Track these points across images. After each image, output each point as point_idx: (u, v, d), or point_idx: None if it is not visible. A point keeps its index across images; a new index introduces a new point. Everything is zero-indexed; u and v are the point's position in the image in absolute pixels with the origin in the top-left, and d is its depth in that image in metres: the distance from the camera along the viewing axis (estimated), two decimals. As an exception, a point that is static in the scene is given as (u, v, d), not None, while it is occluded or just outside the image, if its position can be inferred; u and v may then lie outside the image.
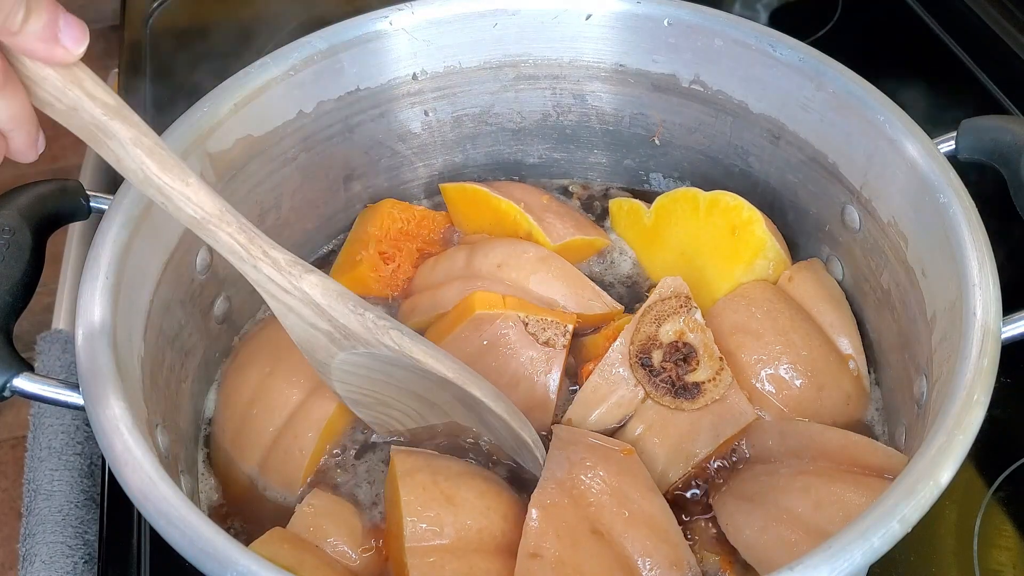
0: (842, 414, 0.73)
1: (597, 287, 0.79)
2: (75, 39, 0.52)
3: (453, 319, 0.75)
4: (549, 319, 0.74)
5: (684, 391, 0.71)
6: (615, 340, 0.73)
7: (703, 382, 0.71)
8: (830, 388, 0.73)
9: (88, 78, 0.54)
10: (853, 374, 0.75)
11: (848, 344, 0.76)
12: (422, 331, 0.77)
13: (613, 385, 0.72)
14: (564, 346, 0.74)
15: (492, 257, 0.79)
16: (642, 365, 0.72)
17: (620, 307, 0.79)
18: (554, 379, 0.73)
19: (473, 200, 0.86)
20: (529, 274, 0.78)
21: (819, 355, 0.73)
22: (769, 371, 0.73)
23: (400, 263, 0.83)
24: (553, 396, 0.73)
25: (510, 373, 0.73)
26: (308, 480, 0.72)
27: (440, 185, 0.90)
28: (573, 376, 0.77)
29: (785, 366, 0.73)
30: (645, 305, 0.73)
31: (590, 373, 0.73)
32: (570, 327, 0.74)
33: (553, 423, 0.73)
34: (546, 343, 0.73)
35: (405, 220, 0.86)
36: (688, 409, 0.71)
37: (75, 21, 0.52)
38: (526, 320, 0.74)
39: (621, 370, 0.72)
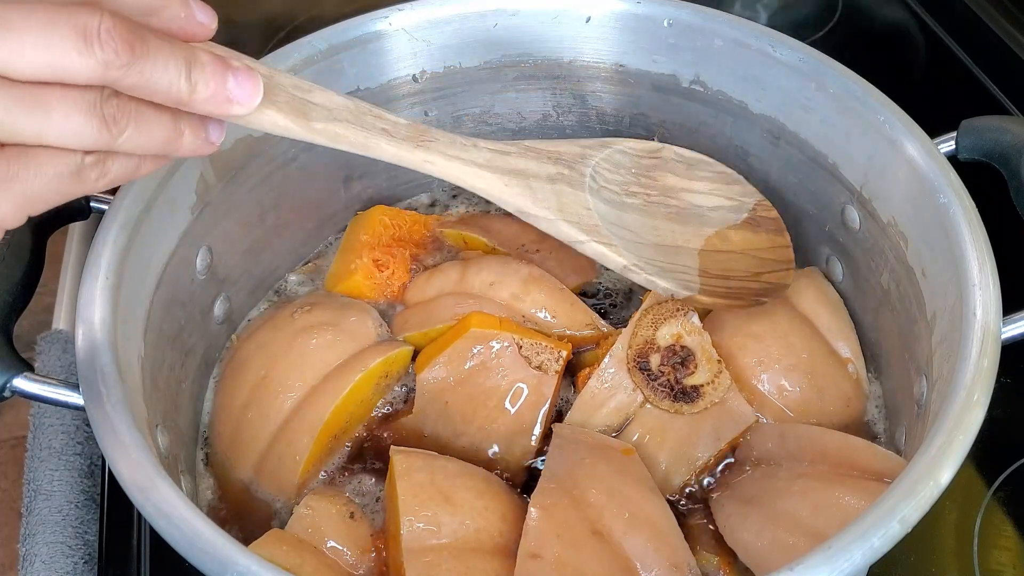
0: (842, 416, 0.73)
1: (590, 309, 0.78)
2: (249, 94, 0.50)
3: (449, 336, 0.75)
4: (543, 344, 0.73)
5: (683, 395, 0.71)
6: (612, 345, 0.72)
7: (702, 385, 0.71)
8: (830, 390, 0.73)
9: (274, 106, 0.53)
10: (852, 377, 0.75)
11: (847, 349, 0.75)
12: (417, 347, 0.77)
13: (611, 390, 0.72)
14: (556, 372, 0.72)
15: (484, 275, 0.78)
16: (640, 369, 0.72)
17: (615, 330, 0.76)
18: (543, 404, 0.72)
19: (473, 245, 0.85)
20: (521, 294, 0.77)
21: (819, 357, 0.73)
22: (770, 373, 0.72)
23: (394, 269, 0.82)
24: (541, 421, 0.72)
25: (499, 395, 0.72)
26: (305, 483, 0.71)
27: (439, 229, 0.87)
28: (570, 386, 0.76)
29: (786, 368, 0.72)
30: (641, 309, 0.73)
31: (587, 379, 0.73)
32: (564, 353, 0.73)
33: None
34: (539, 367, 0.72)
35: (396, 226, 0.85)
36: (688, 413, 0.71)
37: (246, 75, 0.50)
38: (520, 343, 0.73)
39: (619, 375, 0.72)
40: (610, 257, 0.69)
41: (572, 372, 0.76)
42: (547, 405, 0.72)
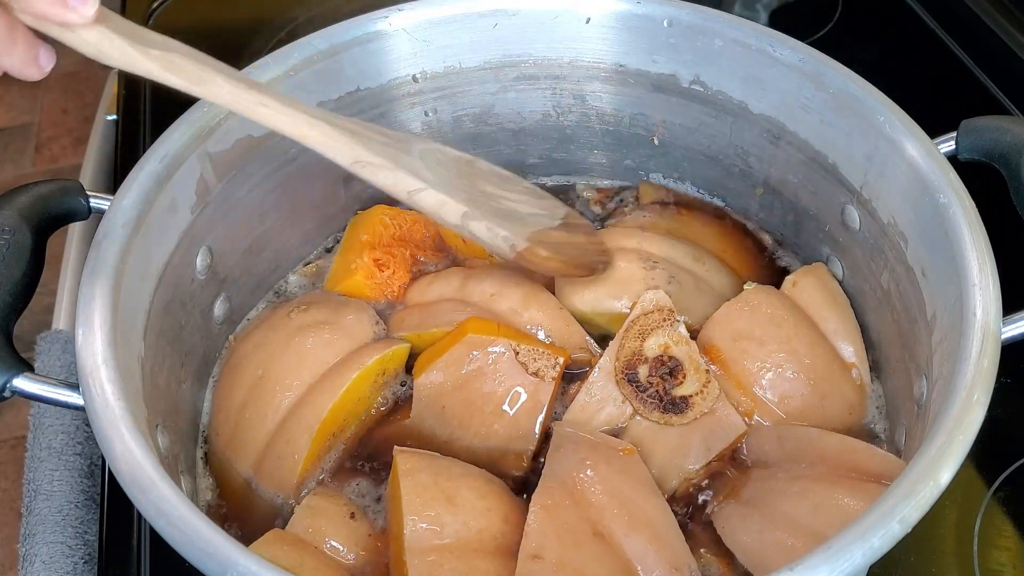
0: (843, 423, 0.73)
1: (584, 332, 0.77)
2: (85, 2, 0.52)
3: (447, 342, 0.75)
4: (540, 350, 0.73)
5: (672, 406, 0.71)
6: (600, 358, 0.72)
7: (690, 396, 0.71)
8: (832, 396, 0.72)
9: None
10: (856, 382, 0.74)
11: (851, 352, 0.75)
12: (412, 347, 0.77)
13: (601, 403, 0.72)
14: (553, 379, 0.72)
15: (486, 286, 0.78)
16: (628, 381, 0.71)
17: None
18: (540, 410, 0.72)
19: (472, 249, 0.85)
20: (520, 308, 0.77)
21: (822, 363, 0.73)
22: (772, 378, 0.72)
23: (395, 269, 0.82)
24: (538, 427, 0.72)
25: (496, 400, 0.72)
26: (305, 482, 0.71)
27: (441, 230, 0.87)
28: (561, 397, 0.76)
29: (788, 374, 0.72)
30: (628, 320, 0.73)
31: (577, 392, 0.72)
32: (561, 359, 0.73)
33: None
34: (535, 373, 0.72)
35: (397, 225, 0.85)
36: (677, 424, 0.71)
37: None
38: (517, 348, 0.72)
39: (608, 387, 0.72)
40: (450, 205, 0.68)
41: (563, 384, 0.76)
42: (543, 413, 0.72)
